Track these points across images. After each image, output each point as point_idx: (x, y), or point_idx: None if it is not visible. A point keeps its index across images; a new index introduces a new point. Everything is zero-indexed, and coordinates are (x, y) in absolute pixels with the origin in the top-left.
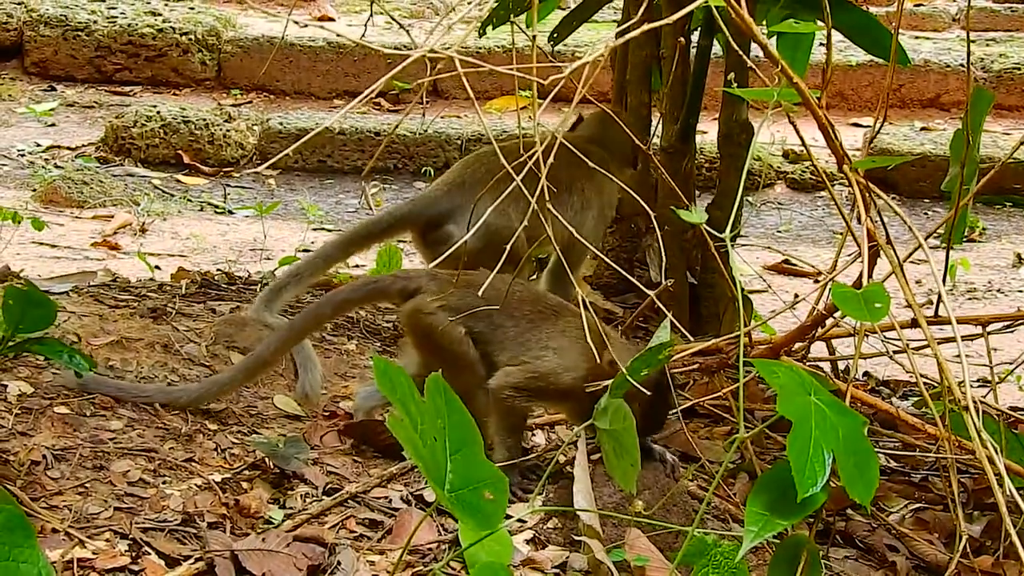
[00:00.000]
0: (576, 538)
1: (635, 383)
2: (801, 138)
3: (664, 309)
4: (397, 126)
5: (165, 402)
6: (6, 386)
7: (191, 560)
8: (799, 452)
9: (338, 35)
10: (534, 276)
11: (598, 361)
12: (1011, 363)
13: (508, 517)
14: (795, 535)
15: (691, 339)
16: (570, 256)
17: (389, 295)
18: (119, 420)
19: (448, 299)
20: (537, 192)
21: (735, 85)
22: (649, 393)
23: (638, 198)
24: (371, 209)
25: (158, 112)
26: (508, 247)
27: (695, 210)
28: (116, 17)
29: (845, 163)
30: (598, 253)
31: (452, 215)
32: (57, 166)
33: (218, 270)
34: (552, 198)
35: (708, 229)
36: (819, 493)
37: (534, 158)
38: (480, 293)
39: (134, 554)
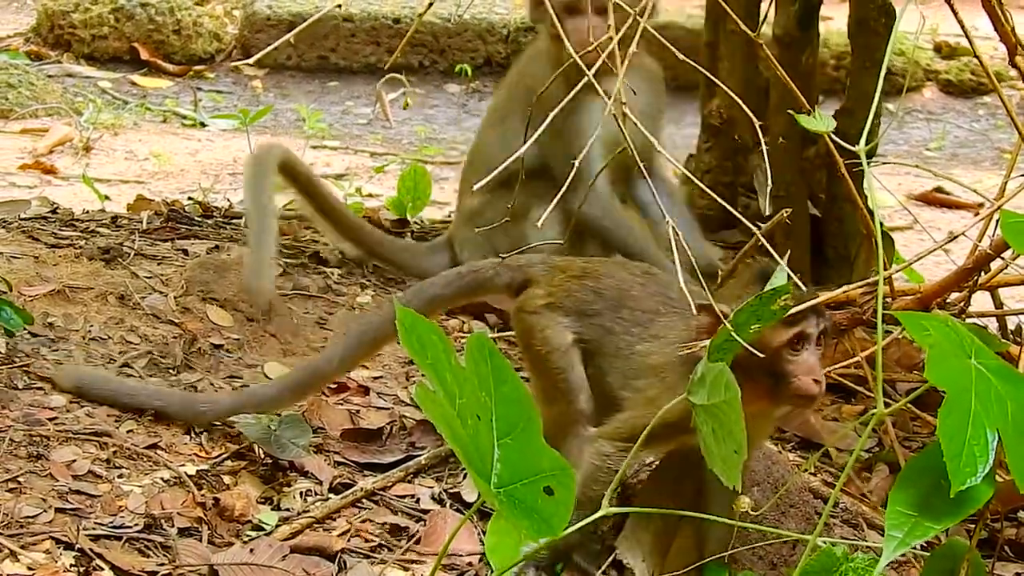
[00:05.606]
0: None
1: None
2: (961, 23)
3: (775, 253)
4: (426, 10)
5: (183, 416)
6: None
7: None
8: (954, 432)
9: None
10: None
11: None
12: None
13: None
14: (951, 541)
15: (813, 287)
16: None
17: (494, 288)
18: (61, 395)
19: (557, 294)
20: None
21: None
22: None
23: (742, 103)
24: (387, 119)
25: None
26: None
27: (820, 116)
28: None
29: (1019, 56)
30: (690, 175)
31: None
32: None
33: (189, 199)
34: None
35: (837, 140)
36: (981, 487)
37: None
38: (598, 284)
39: (82, 569)
